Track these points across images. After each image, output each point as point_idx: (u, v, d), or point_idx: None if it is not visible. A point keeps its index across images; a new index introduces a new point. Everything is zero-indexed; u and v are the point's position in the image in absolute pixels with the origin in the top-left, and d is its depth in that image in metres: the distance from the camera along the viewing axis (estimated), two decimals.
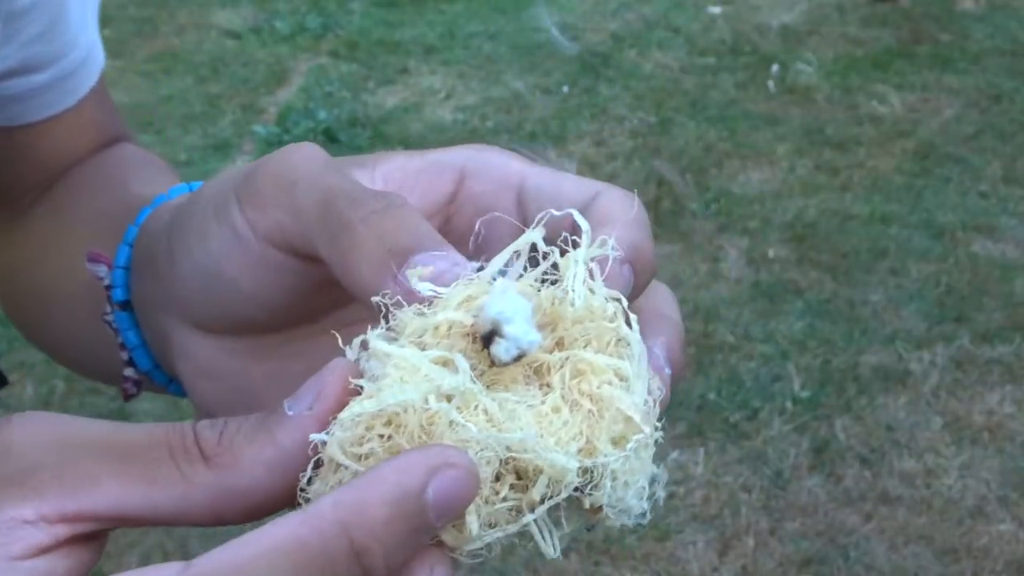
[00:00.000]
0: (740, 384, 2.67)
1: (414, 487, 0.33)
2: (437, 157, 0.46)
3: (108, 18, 4.62)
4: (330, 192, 0.41)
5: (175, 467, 0.36)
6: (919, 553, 2.26)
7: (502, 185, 0.45)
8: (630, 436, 0.38)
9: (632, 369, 0.38)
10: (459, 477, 0.34)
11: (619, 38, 4.42)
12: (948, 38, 4.41)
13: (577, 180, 0.44)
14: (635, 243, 0.42)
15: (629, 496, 0.38)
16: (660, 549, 2.27)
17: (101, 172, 0.72)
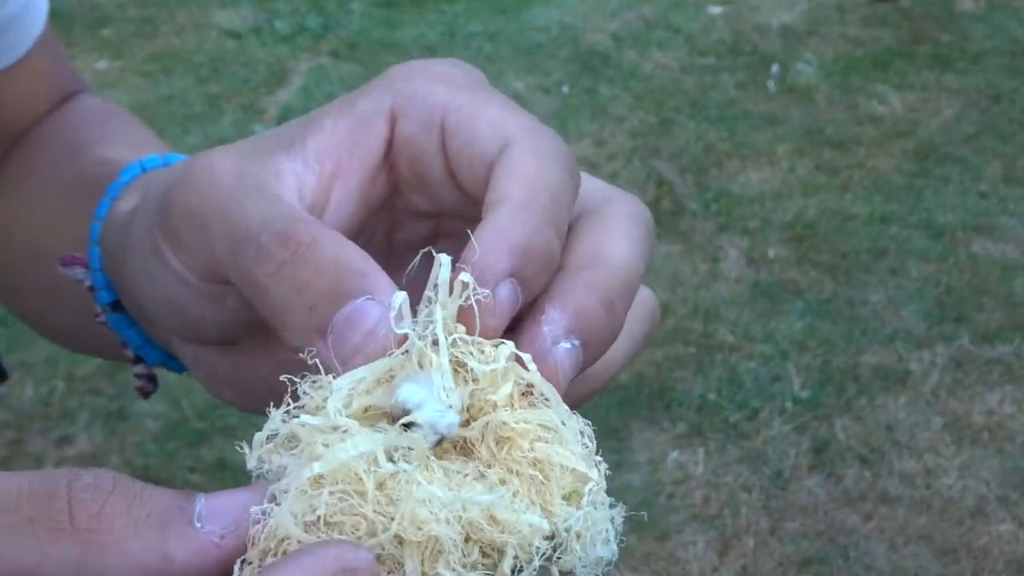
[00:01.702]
0: (740, 384, 2.67)
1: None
2: (365, 108, 0.42)
3: (108, 18, 4.62)
4: (234, 238, 0.38)
5: (32, 536, 0.30)
6: (919, 553, 2.26)
7: (427, 125, 0.41)
8: (581, 488, 0.36)
9: (555, 416, 0.36)
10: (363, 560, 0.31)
11: (619, 38, 4.42)
12: (948, 38, 4.41)
13: (495, 115, 0.40)
14: (522, 243, 0.37)
15: (598, 549, 0.36)
16: (660, 549, 2.27)
17: (60, 135, 0.67)
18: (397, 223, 0.45)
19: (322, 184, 0.41)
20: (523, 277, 0.37)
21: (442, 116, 0.41)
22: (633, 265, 0.40)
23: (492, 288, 0.36)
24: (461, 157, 0.41)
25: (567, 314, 0.37)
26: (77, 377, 2.65)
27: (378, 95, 0.42)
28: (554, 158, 0.39)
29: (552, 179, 0.39)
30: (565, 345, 0.37)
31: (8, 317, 2.64)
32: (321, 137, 0.41)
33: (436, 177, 0.42)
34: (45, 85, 0.69)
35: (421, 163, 0.42)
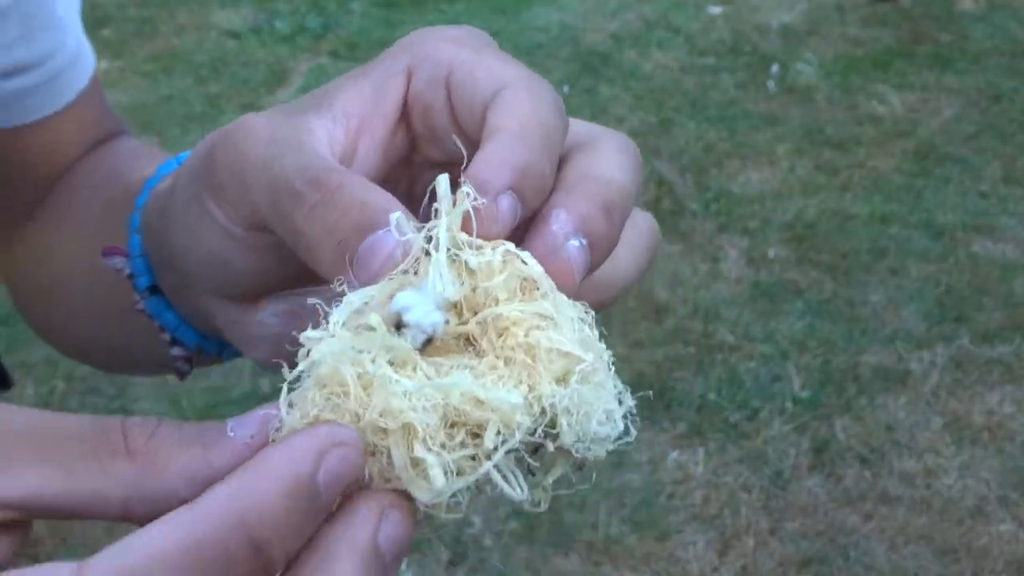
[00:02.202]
0: (740, 384, 2.67)
1: (305, 473, 0.33)
2: (384, 70, 0.46)
3: (108, 18, 4.62)
4: (274, 188, 0.42)
5: (95, 459, 0.36)
6: (919, 553, 2.26)
7: (435, 81, 0.45)
8: (573, 369, 0.37)
9: (551, 305, 0.38)
10: (347, 456, 0.34)
11: (619, 38, 4.42)
12: (948, 38, 4.41)
13: (493, 66, 0.44)
14: (518, 163, 0.40)
15: (593, 425, 0.38)
16: (660, 549, 2.27)
17: (100, 168, 0.72)
18: (416, 177, 0.49)
19: (350, 138, 0.45)
20: (521, 194, 0.40)
21: (448, 71, 0.45)
22: (626, 183, 0.43)
23: (493, 198, 0.39)
24: (462, 105, 0.44)
25: (572, 216, 0.40)
26: (77, 377, 2.65)
27: (394, 58, 0.47)
28: (546, 99, 0.43)
29: (544, 115, 0.42)
30: (574, 243, 0.40)
31: (9, 316, 2.65)
32: (347, 98, 0.45)
33: (445, 129, 0.46)
34: (87, 132, 0.74)
35: (431, 116, 0.46)
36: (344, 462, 0.34)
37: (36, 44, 0.70)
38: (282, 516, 0.33)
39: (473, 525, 2.31)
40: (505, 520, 2.32)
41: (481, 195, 0.39)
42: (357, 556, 0.34)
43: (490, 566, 2.24)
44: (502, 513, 2.34)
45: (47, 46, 0.70)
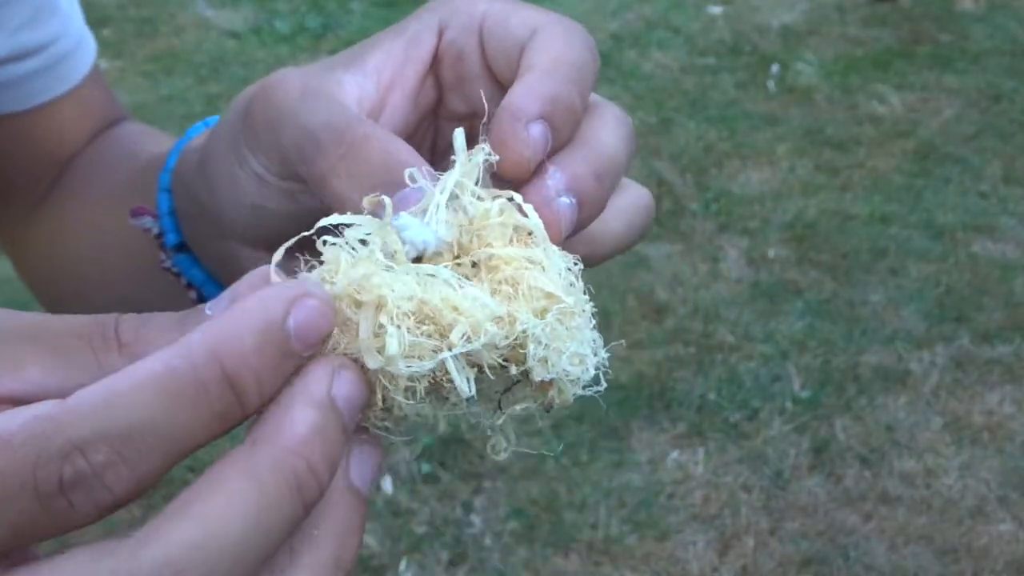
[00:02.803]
0: (740, 384, 2.67)
1: (277, 316, 0.35)
2: (416, 27, 0.49)
3: (108, 18, 4.62)
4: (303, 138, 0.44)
5: (92, 354, 0.37)
6: (919, 553, 2.26)
7: (468, 30, 0.48)
8: (551, 308, 0.39)
9: (543, 253, 0.40)
10: (316, 307, 0.35)
11: (619, 38, 4.42)
12: (948, 38, 4.41)
13: (527, 13, 0.47)
14: (550, 94, 0.43)
15: (563, 362, 0.39)
16: (660, 549, 2.27)
17: (113, 149, 0.74)
18: (440, 129, 0.52)
19: (380, 92, 0.48)
20: (552, 123, 0.42)
21: (481, 20, 0.48)
22: (619, 152, 0.45)
23: (525, 125, 0.42)
24: (497, 50, 0.47)
25: (566, 175, 0.43)
26: None
27: (427, 16, 0.49)
28: (579, 40, 0.45)
29: (576, 54, 0.45)
30: (564, 200, 0.42)
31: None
32: (378, 55, 0.48)
33: (473, 72, 0.48)
34: (91, 117, 0.77)
35: (463, 64, 0.48)
36: (313, 312, 0.35)
37: (41, 29, 0.72)
38: (252, 352, 0.34)
39: (473, 525, 2.32)
40: (505, 520, 2.32)
41: (514, 124, 0.41)
42: (311, 405, 0.35)
43: (490, 566, 2.24)
44: (502, 513, 2.34)
45: (52, 31, 0.72)
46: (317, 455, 0.34)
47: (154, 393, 0.33)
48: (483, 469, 2.42)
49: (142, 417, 0.33)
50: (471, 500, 2.36)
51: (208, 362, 0.34)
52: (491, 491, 2.38)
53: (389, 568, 2.23)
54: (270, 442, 0.34)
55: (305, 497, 0.34)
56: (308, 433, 0.34)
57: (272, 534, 0.34)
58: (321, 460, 0.34)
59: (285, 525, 0.34)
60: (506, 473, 2.42)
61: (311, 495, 0.34)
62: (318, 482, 0.34)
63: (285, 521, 0.34)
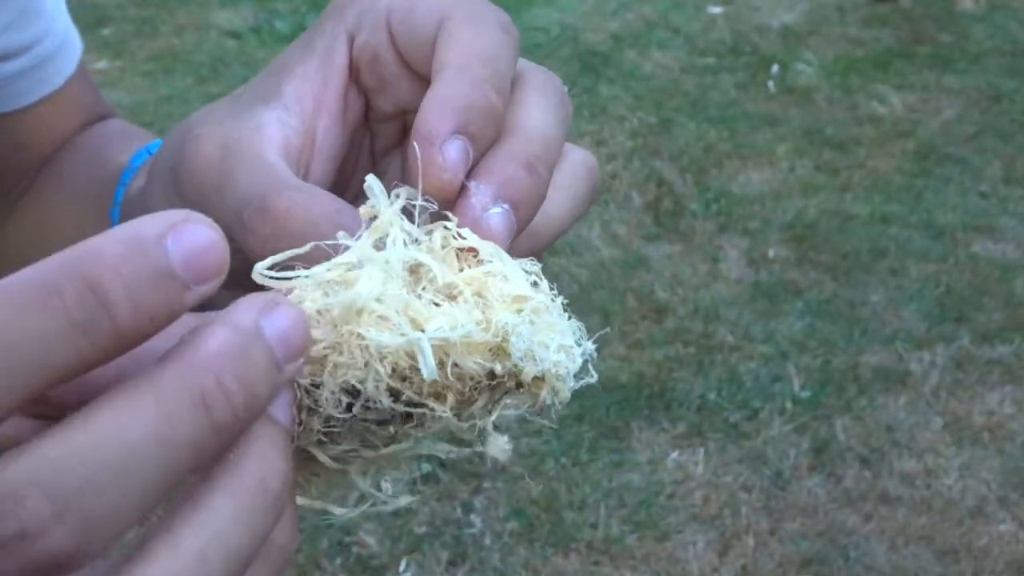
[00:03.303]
0: (740, 384, 2.67)
1: (150, 232, 0.31)
2: (326, 39, 0.47)
3: (108, 18, 4.62)
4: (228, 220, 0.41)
5: None
6: (919, 553, 2.26)
7: (377, 28, 0.46)
8: (523, 306, 0.38)
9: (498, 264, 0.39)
10: (202, 231, 0.32)
11: (619, 38, 4.42)
12: (948, 38, 4.41)
13: (431, 1, 0.45)
14: (462, 103, 0.41)
15: (551, 354, 0.38)
16: (660, 549, 2.27)
17: (87, 149, 0.73)
18: (375, 134, 0.50)
19: (306, 122, 0.45)
20: (469, 132, 0.40)
21: (386, 16, 0.46)
22: (550, 130, 0.43)
23: (440, 148, 0.39)
24: (410, 47, 0.45)
25: (492, 183, 0.41)
26: None
27: (331, 26, 0.47)
28: (489, 22, 0.43)
29: (487, 42, 0.42)
30: (495, 211, 0.40)
31: None
32: (295, 82, 0.46)
33: (393, 72, 0.46)
34: (75, 116, 0.76)
35: (379, 66, 0.46)
36: (198, 236, 0.32)
37: (28, 29, 0.71)
38: (117, 257, 0.30)
39: (473, 525, 2.32)
40: (505, 520, 2.32)
41: (427, 148, 0.40)
42: (228, 326, 0.32)
43: (490, 566, 2.24)
44: (502, 513, 2.34)
45: (37, 31, 0.72)
46: (229, 376, 0.31)
47: None
48: (483, 469, 2.42)
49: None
50: (471, 500, 2.36)
51: (62, 267, 0.30)
52: (491, 491, 2.38)
53: (389, 568, 2.23)
54: (178, 358, 0.31)
55: (214, 417, 0.31)
56: (220, 350, 0.32)
57: (172, 449, 0.30)
58: (234, 381, 0.32)
59: (188, 442, 0.31)
60: (506, 473, 2.42)
61: (221, 416, 0.31)
62: (229, 404, 0.31)
63: (188, 437, 0.31)
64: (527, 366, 0.38)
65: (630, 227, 3.25)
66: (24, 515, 0.29)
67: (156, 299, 0.31)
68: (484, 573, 2.23)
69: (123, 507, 0.30)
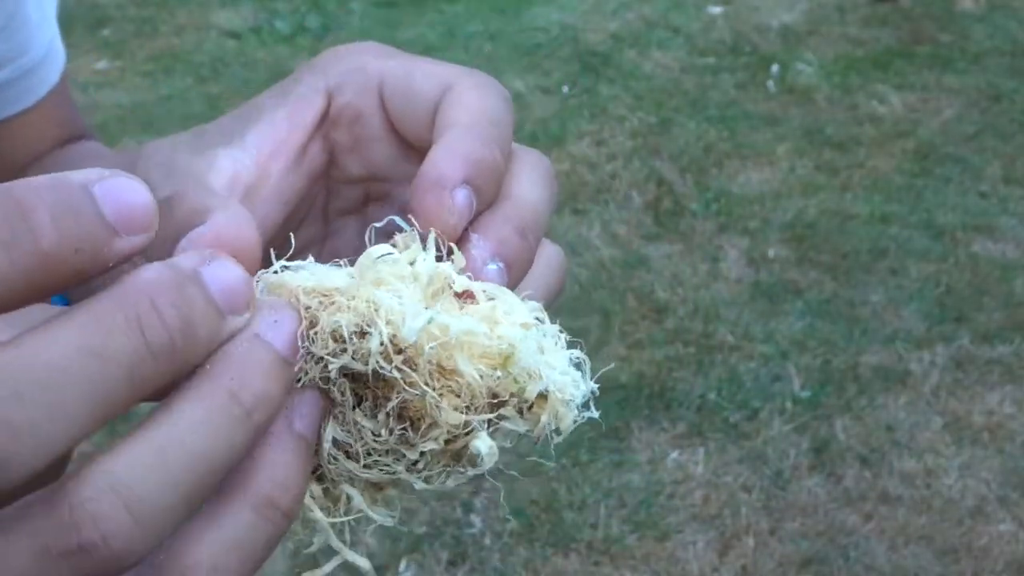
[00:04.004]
0: (740, 384, 2.67)
1: (75, 178, 0.32)
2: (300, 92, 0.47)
3: (108, 18, 4.62)
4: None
5: None
6: (919, 553, 2.26)
7: (364, 90, 0.47)
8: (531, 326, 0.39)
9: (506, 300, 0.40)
10: (127, 184, 0.32)
11: (619, 38, 4.42)
12: (948, 38, 4.41)
13: (430, 68, 0.46)
14: (473, 157, 0.42)
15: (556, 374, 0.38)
16: (660, 549, 2.27)
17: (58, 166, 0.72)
18: (332, 192, 0.51)
19: (259, 165, 0.46)
20: (476, 185, 0.42)
21: (379, 81, 0.46)
22: (540, 204, 0.45)
23: (450, 192, 0.41)
24: (405, 110, 0.46)
25: (490, 241, 0.42)
26: None
27: (311, 78, 0.47)
28: (494, 93, 0.45)
29: (493, 108, 0.44)
30: (492, 266, 0.42)
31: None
32: (259, 128, 0.46)
33: (373, 134, 0.48)
34: (54, 129, 0.75)
35: (360, 125, 0.47)
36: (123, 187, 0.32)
37: (9, 41, 0.71)
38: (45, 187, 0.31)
39: (473, 525, 2.32)
40: (505, 520, 2.32)
41: (439, 191, 0.41)
42: (165, 265, 0.33)
43: (490, 566, 2.24)
44: (502, 513, 2.34)
45: (22, 42, 0.71)
46: (164, 300, 0.32)
47: None
48: None
49: None
50: (471, 500, 2.36)
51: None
52: (491, 491, 2.38)
53: (389, 568, 2.23)
54: (114, 288, 0.32)
55: (149, 337, 0.32)
56: (156, 279, 0.33)
57: (103, 363, 0.31)
58: (169, 306, 0.32)
59: (121, 359, 0.31)
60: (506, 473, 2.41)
61: (156, 336, 0.32)
62: (164, 327, 0.32)
63: (120, 353, 0.31)
64: (530, 384, 0.38)
65: (630, 227, 3.25)
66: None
67: (80, 231, 0.31)
68: (484, 573, 2.23)
69: (51, 418, 0.30)
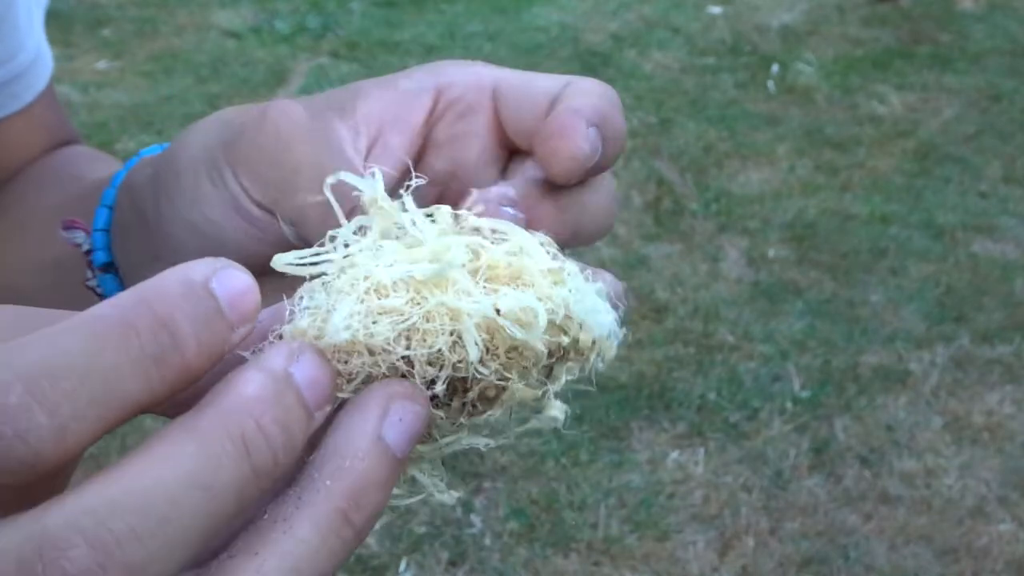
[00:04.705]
0: (740, 384, 2.67)
1: (197, 277, 0.33)
2: (409, 85, 0.48)
3: (108, 18, 4.62)
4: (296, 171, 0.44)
5: None
6: (919, 553, 2.26)
7: (477, 87, 0.48)
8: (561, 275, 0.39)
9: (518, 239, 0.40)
10: (241, 276, 0.34)
11: (619, 38, 4.42)
12: (948, 38, 4.41)
13: (544, 77, 0.47)
14: (600, 110, 0.43)
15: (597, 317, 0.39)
16: (660, 549, 2.27)
17: (50, 171, 0.73)
18: None
19: (367, 145, 0.47)
20: (604, 132, 0.42)
21: (493, 82, 0.47)
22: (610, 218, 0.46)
23: (585, 122, 0.41)
24: (522, 107, 0.47)
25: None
26: None
27: (420, 76, 0.49)
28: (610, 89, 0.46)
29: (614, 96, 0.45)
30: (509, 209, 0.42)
31: None
32: (369, 104, 0.48)
33: (475, 131, 0.48)
34: (41, 135, 0.75)
35: (465, 120, 0.48)
36: (238, 280, 0.33)
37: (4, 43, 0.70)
38: (180, 297, 0.32)
39: (473, 525, 2.32)
40: (505, 520, 2.32)
41: (576, 117, 0.41)
42: (262, 371, 0.33)
43: (490, 566, 2.24)
44: (502, 513, 2.34)
45: (8, 48, 0.71)
46: (268, 418, 0.32)
47: (77, 335, 0.30)
48: (483, 469, 2.42)
49: (60, 355, 0.30)
50: (471, 500, 2.36)
51: (137, 305, 0.32)
52: (491, 491, 2.38)
53: (389, 568, 2.23)
54: (216, 403, 0.32)
55: (255, 460, 0.32)
56: (258, 394, 0.32)
57: (214, 495, 0.31)
58: (272, 424, 0.32)
59: (230, 487, 0.31)
60: (506, 473, 2.42)
61: (261, 459, 0.32)
62: (269, 446, 0.32)
63: (230, 483, 0.31)
64: (582, 334, 0.38)
65: (630, 227, 3.25)
66: (67, 565, 0.29)
67: (213, 337, 0.32)
68: (484, 573, 2.23)
69: (166, 555, 0.30)
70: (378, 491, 0.35)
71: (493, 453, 2.45)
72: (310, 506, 0.33)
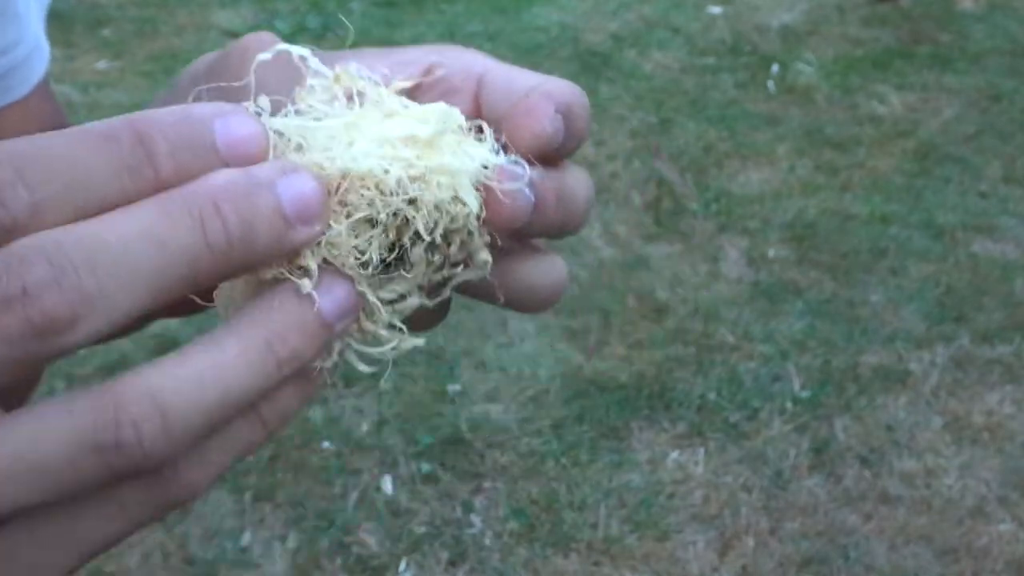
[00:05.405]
0: (740, 384, 2.67)
1: (203, 114, 0.36)
2: (403, 57, 0.49)
3: (108, 18, 4.62)
4: None
5: None
6: (919, 553, 2.26)
7: (465, 72, 0.48)
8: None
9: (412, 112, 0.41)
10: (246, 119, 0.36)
11: (619, 38, 4.42)
12: (948, 38, 4.41)
13: (530, 73, 0.47)
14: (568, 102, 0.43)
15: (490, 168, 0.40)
16: (660, 549, 2.27)
17: None
18: None
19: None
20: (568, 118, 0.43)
21: (482, 70, 0.48)
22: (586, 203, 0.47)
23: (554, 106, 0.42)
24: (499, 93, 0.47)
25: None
26: (77, 377, 2.65)
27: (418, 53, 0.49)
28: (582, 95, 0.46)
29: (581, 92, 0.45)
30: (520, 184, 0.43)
31: None
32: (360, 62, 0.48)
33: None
34: (38, 125, 0.75)
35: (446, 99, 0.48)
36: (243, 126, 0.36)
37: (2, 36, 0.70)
38: (168, 123, 0.35)
39: (473, 525, 2.32)
40: (505, 520, 2.32)
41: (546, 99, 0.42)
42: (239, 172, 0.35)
43: (490, 566, 2.24)
44: (502, 513, 2.34)
45: (9, 37, 0.71)
46: (228, 205, 0.34)
47: (63, 136, 0.34)
48: (483, 469, 2.42)
49: (45, 148, 0.33)
50: (471, 500, 2.36)
51: (122, 123, 0.35)
52: (491, 491, 2.38)
53: (389, 568, 2.23)
54: (187, 186, 0.35)
55: (209, 236, 0.34)
56: (225, 184, 0.35)
57: (166, 250, 0.34)
58: (232, 212, 0.34)
59: (182, 249, 0.34)
60: (506, 473, 2.42)
61: (215, 236, 0.34)
62: (224, 228, 0.34)
63: (181, 244, 0.34)
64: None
65: (630, 227, 3.25)
66: (27, 275, 0.32)
67: (195, 158, 0.35)
68: (484, 573, 2.23)
69: (113, 291, 0.33)
70: (300, 336, 0.37)
71: (493, 453, 2.45)
72: (236, 328, 0.36)
